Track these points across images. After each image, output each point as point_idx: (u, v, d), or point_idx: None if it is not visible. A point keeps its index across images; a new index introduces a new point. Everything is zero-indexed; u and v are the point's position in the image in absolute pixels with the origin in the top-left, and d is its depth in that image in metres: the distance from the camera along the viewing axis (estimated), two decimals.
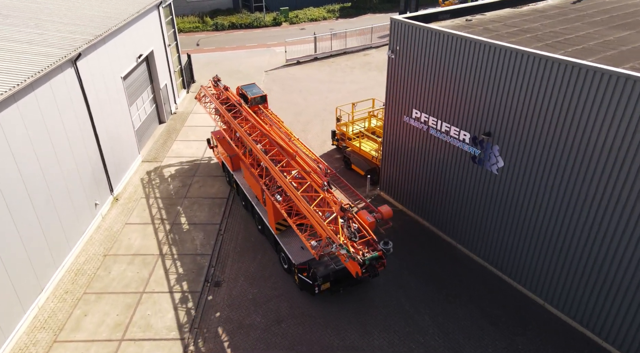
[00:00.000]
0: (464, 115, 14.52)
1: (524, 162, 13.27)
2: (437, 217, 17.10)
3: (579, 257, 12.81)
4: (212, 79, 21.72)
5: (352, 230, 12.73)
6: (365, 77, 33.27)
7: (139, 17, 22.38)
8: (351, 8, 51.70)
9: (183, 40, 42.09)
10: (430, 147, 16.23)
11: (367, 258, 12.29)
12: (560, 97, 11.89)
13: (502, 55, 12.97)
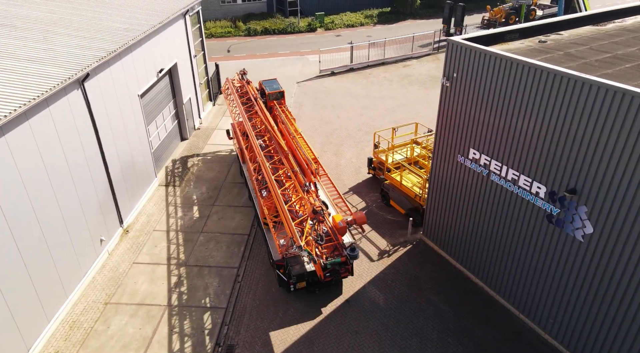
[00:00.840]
0: (539, 163, 11.60)
1: (623, 230, 10.26)
2: (494, 276, 14.17)
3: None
4: (238, 72, 22.53)
5: (319, 233, 12.60)
6: (404, 91, 30.37)
7: (161, 28, 20.39)
8: (390, 13, 48.72)
9: (213, 46, 40.34)
10: (491, 196, 13.34)
11: (329, 263, 12.47)
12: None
13: (597, 93, 10.00)
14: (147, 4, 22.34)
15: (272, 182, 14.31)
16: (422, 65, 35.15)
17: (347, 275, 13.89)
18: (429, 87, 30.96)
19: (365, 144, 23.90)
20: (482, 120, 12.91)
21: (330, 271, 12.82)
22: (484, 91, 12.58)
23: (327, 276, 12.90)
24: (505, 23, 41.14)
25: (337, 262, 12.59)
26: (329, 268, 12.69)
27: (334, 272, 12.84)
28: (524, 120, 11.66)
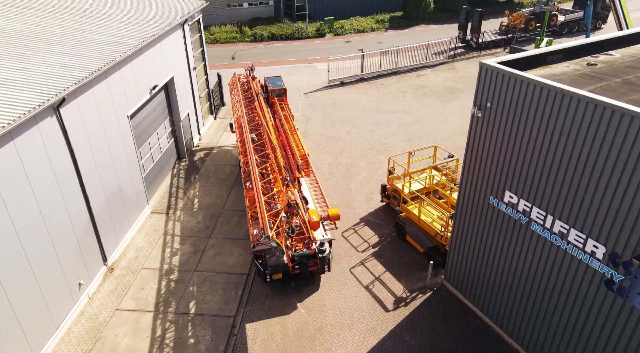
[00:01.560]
0: (597, 217, 9.47)
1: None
2: (532, 339, 12.03)
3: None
4: (247, 67, 23.17)
5: (291, 226, 12.65)
6: (419, 105, 28.24)
7: (155, 40, 18.50)
8: (402, 18, 46.54)
9: (217, 53, 38.48)
10: (530, 248, 11.23)
11: (297, 255, 12.81)
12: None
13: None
14: (141, 14, 20.49)
15: (254, 174, 14.45)
16: (437, 75, 32.97)
17: (315, 269, 13.89)
18: (445, 100, 28.79)
19: (377, 164, 21.84)
20: (522, 159, 10.81)
21: (298, 263, 13.17)
22: (526, 125, 10.49)
23: (295, 268, 13.25)
24: (524, 29, 38.83)
25: (305, 254, 12.97)
26: (297, 260, 13.03)
27: (303, 265, 13.19)
28: (578, 162, 9.56)
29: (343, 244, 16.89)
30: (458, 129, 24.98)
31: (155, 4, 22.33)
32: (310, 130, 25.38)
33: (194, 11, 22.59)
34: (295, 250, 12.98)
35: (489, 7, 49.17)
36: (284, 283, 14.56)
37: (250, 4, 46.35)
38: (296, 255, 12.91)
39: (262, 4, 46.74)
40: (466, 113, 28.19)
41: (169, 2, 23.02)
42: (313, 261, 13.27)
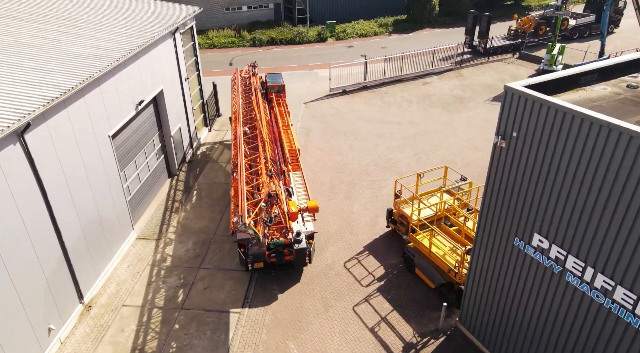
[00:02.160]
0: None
1: None
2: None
3: None
4: (250, 63, 23.89)
5: (270, 215, 12.73)
6: (425, 115, 26.62)
7: (142, 52, 16.94)
8: (406, 22, 44.91)
9: (215, 58, 36.93)
10: (564, 301, 9.58)
11: (272, 243, 13.16)
12: None
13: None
14: (129, 22, 18.93)
15: (240, 164, 14.60)
16: (443, 83, 31.34)
17: (291, 258, 14.02)
18: (453, 110, 27.17)
19: (382, 183, 20.25)
20: (555, 198, 9.22)
21: (274, 251, 13.54)
22: (561, 160, 8.89)
23: (271, 256, 13.66)
24: (534, 34, 37.16)
25: (280, 243, 13.35)
26: (272, 248, 13.39)
27: (278, 253, 13.56)
28: (629, 207, 7.97)
29: (345, 277, 15.30)
30: (467, 143, 23.36)
31: (145, 12, 20.79)
32: (310, 143, 23.79)
33: (187, 18, 21.03)
34: (272, 238, 13.32)
35: (495, 10, 47.46)
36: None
37: (250, 7, 44.79)
38: (272, 243, 13.30)
39: (262, 7, 45.19)
40: (475, 125, 26.87)
41: (160, 9, 21.48)
42: (289, 250, 13.69)
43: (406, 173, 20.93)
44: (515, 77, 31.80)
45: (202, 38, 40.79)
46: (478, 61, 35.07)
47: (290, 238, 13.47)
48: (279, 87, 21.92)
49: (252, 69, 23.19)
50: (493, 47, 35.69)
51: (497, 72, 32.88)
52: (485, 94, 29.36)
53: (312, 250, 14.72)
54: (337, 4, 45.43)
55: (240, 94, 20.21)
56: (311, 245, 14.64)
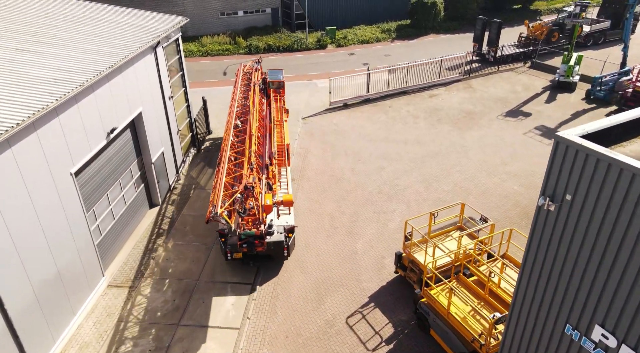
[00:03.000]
0: None
1: None
2: None
3: None
4: (254, 59, 24.07)
5: (244, 206, 12.73)
6: (433, 133, 24.37)
7: (115, 72, 14.72)
8: (410, 27, 42.64)
9: (208, 67, 34.69)
10: None
11: (243, 234, 13.38)
12: None
13: None
14: (101, 37, 16.64)
15: (224, 156, 14.62)
16: (451, 96, 29.09)
17: (262, 249, 13.98)
18: (463, 127, 24.93)
19: (388, 215, 18.03)
20: (628, 284, 6.99)
21: (245, 242, 13.57)
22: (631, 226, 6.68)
23: (242, 246, 13.69)
24: (546, 41, 34.92)
25: (251, 234, 13.36)
26: (243, 238, 13.47)
27: (250, 244, 13.61)
28: None
29: (348, 337, 13.06)
30: (481, 166, 21.11)
31: (123, 24, 18.55)
32: (309, 166, 21.57)
33: (170, 30, 18.79)
34: (244, 229, 13.40)
35: (503, 15, 45.23)
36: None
37: (246, 12, 42.55)
38: (243, 233, 13.37)
39: (259, 11, 42.95)
40: (488, 144, 23.89)
41: (140, 21, 19.23)
42: (260, 241, 13.65)
43: (415, 202, 18.74)
44: (528, 89, 29.56)
45: (195, 45, 38.58)
46: (487, 71, 32.82)
47: (261, 230, 13.47)
48: (278, 83, 22.02)
49: (256, 64, 23.14)
50: (503, 56, 33.44)
51: (508, 83, 30.63)
52: (497, 108, 27.10)
53: (290, 244, 15.06)
54: (337, 9, 43.17)
55: (240, 88, 20.16)
56: (290, 239, 15.00)
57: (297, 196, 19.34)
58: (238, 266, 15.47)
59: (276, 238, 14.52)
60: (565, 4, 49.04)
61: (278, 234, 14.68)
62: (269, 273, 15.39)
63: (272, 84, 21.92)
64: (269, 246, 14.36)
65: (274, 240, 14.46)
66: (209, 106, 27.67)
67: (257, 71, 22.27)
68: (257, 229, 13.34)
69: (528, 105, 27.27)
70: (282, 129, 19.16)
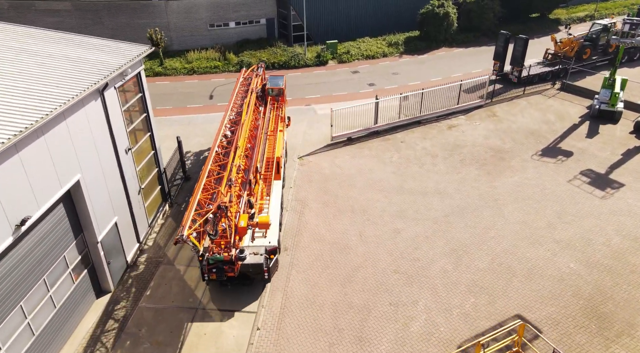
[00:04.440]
0: None
1: None
2: None
3: None
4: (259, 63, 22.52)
5: (216, 228, 11.90)
6: (457, 179, 19.90)
7: (31, 136, 10.33)
8: (419, 40, 38.14)
9: (193, 88, 30.27)
10: None
11: (211, 258, 12.40)
12: None
13: None
14: (32, 84, 12.20)
15: (204, 170, 13.44)
16: (474, 126, 24.66)
17: (233, 275, 12.76)
18: (493, 171, 20.48)
19: (409, 309, 13.60)
20: None
21: (214, 267, 12.50)
22: None
23: (211, 271, 12.58)
24: (576, 58, 30.47)
25: (219, 259, 12.34)
26: (212, 263, 12.44)
27: (219, 270, 12.45)
28: None
29: None
30: (522, 231, 16.67)
31: (66, 59, 13.97)
32: (305, 228, 17.16)
33: (126, 67, 14.33)
34: (213, 253, 12.42)
35: (519, 25, 40.83)
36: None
37: (238, 23, 38.07)
38: (211, 258, 12.42)
39: (253, 23, 38.49)
40: (527, 197, 18.62)
41: (89, 55, 14.63)
42: (230, 267, 12.54)
43: (442, 287, 14.39)
44: (563, 119, 25.13)
45: (180, 61, 34.15)
46: (512, 94, 28.37)
47: (231, 255, 12.39)
48: (278, 90, 20.55)
49: (257, 70, 21.59)
50: (529, 76, 29.02)
51: (538, 110, 26.20)
52: (530, 144, 22.66)
53: (272, 267, 13.89)
54: (339, 19, 38.71)
55: (238, 94, 18.61)
56: (272, 260, 13.84)
57: (290, 275, 14.98)
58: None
59: (255, 260, 13.31)
60: (587, 12, 44.69)
61: (258, 255, 13.44)
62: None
63: (272, 91, 20.41)
64: (247, 268, 13.31)
65: (253, 262, 13.28)
66: (191, 140, 23.48)
67: (258, 77, 20.73)
68: (226, 254, 12.32)
69: (566, 141, 22.84)
70: (275, 140, 17.80)
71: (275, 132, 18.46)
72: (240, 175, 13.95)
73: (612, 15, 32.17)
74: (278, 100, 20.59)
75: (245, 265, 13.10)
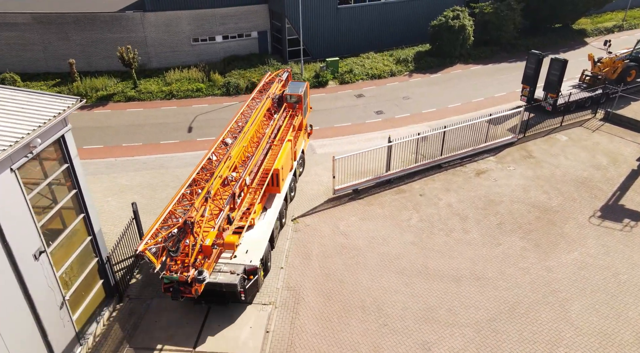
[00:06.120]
0: None
1: None
2: None
3: None
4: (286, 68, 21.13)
5: (178, 244, 11.23)
6: (498, 255, 15.07)
7: None
8: (431, 56, 33.34)
9: (171, 118, 25.43)
10: None
11: (165, 277, 11.49)
12: None
13: None
14: None
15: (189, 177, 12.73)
16: (507, 172, 19.89)
17: (191, 296, 11.55)
18: (542, 242, 15.69)
19: None
20: None
21: (170, 287, 11.47)
22: None
23: (168, 290, 11.60)
24: (618, 81, 25.75)
25: (174, 279, 11.28)
26: (167, 283, 11.50)
27: (174, 290, 11.39)
28: None
29: None
30: (605, 349, 11.93)
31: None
32: (300, 342, 12.40)
33: (34, 135, 9.56)
34: (170, 271, 11.26)
35: (540, 37, 36.17)
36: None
37: (226, 38, 33.24)
38: (165, 277, 11.37)
39: (243, 36, 33.66)
40: (597, 289, 13.48)
41: (10, 121, 10.01)
42: (186, 288, 11.35)
43: None
44: (616, 160, 20.40)
45: (157, 83, 29.33)
46: (547, 126, 23.59)
47: (187, 275, 11.11)
48: (297, 97, 18.77)
49: (284, 74, 20.17)
50: (566, 103, 24.31)
51: (583, 150, 21.46)
52: (582, 199, 17.91)
53: (249, 288, 12.85)
54: (340, 32, 33.88)
55: (254, 99, 17.35)
56: (251, 281, 12.85)
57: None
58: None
59: (229, 279, 12.53)
60: (615, 22, 39.97)
61: (234, 275, 12.62)
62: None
63: (290, 97, 18.79)
64: (221, 287, 12.58)
65: (227, 281, 12.48)
66: (159, 193, 18.86)
67: (280, 82, 19.40)
68: (182, 274, 11.19)
69: (629, 195, 18.09)
70: (279, 151, 16.34)
71: (282, 141, 16.91)
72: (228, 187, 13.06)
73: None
74: (295, 108, 18.91)
75: (218, 284, 12.40)
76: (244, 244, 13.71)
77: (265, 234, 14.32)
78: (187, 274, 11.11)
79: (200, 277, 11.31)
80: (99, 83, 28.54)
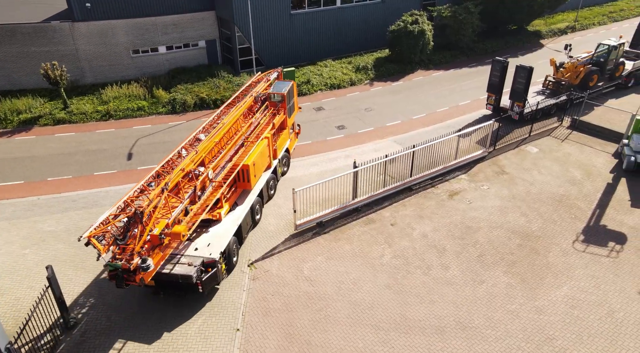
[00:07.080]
0: None
1: None
2: None
3: None
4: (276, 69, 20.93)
5: (125, 233, 11.53)
6: (482, 295, 13.23)
7: None
8: (391, 62, 31.64)
9: (105, 144, 22.08)
10: None
11: (109, 264, 11.49)
12: None
13: None
14: None
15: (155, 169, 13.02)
16: (482, 192, 18.30)
17: (136, 284, 11.54)
18: (528, 276, 14.05)
19: None
20: None
21: (114, 274, 11.47)
22: None
23: (112, 277, 11.58)
24: (581, 86, 24.99)
25: (117, 266, 11.30)
26: (111, 270, 11.48)
27: (118, 278, 11.41)
28: None
29: None
30: None
31: None
32: None
33: None
34: (115, 259, 11.38)
35: (497, 40, 35.46)
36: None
37: (170, 48, 30.08)
38: (110, 265, 11.39)
39: (189, 46, 30.62)
40: (593, 333, 11.85)
41: None
42: (129, 276, 11.36)
43: None
44: (589, 173, 19.29)
45: (91, 102, 25.90)
46: (516, 136, 22.35)
47: (131, 263, 11.10)
48: (280, 96, 18.50)
49: (273, 74, 20.09)
50: (533, 112, 23.20)
51: (555, 162, 20.26)
52: (563, 221, 16.52)
53: (206, 281, 12.84)
54: (295, 39, 31.57)
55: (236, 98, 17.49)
56: (209, 274, 12.90)
57: None
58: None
59: (185, 270, 12.53)
60: (567, 23, 39.96)
61: (191, 267, 12.63)
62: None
63: (274, 96, 18.62)
64: (177, 278, 12.56)
65: (182, 272, 12.52)
66: (58, 291, 15.44)
67: (267, 82, 19.27)
68: (125, 262, 11.15)
69: (609, 214, 16.90)
70: (251, 148, 16.22)
71: (257, 138, 16.72)
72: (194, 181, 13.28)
73: (621, 35, 26.97)
74: (278, 107, 18.66)
75: (174, 276, 12.57)
76: (208, 238, 13.81)
77: (229, 229, 14.28)
78: (131, 262, 11.10)
79: (144, 265, 11.30)
80: (21, 104, 24.76)
